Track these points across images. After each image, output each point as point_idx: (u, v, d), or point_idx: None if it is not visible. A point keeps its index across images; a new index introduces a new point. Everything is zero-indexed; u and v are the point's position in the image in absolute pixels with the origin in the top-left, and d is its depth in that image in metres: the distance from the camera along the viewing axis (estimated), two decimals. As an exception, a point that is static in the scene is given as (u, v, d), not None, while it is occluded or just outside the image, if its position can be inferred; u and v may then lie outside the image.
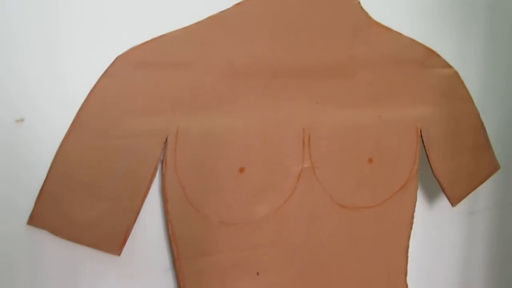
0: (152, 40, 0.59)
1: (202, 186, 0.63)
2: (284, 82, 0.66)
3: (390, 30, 0.72)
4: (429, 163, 0.75)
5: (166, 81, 0.60)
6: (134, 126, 0.59)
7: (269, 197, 0.66)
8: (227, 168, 0.64)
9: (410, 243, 0.77)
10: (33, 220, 0.57)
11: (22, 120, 0.56)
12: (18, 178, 0.56)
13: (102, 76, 0.58)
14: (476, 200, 0.88)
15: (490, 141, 0.82)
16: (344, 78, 0.69)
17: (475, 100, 0.79)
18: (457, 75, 0.77)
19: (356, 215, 0.72)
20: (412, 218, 0.76)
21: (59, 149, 0.57)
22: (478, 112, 0.79)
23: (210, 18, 0.61)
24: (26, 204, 0.57)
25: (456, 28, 0.81)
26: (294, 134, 0.67)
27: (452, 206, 0.77)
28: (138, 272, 0.64)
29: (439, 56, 0.75)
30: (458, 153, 0.77)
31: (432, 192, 0.84)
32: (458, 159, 0.77)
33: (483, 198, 0.90)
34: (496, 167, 0.82)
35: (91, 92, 0.58)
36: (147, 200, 0.61)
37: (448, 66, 0.76)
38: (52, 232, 0.57)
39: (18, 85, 0.55)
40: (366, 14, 0.69)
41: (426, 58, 0.74)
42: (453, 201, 0.77)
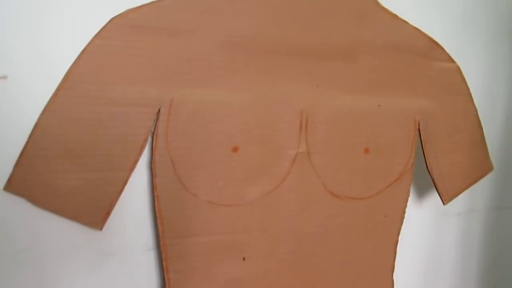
0: (151, 3, 0.56)
1: (193, 162, 0.59)
2: (285, 60, 0.63)
3: (396, 17, 0.70)
4: (424, 157, 0.73)
5: (163, 48, 0.57)
6: (126, 94, 0.56)
7: (261, 179, 0.63)
8: (220, 146, 0.61)
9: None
10: (10, 186, 0.53)
11: (5, 77, 0.52)
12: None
13: (94, 38, 0.54)
14: (464, 201, 0.87)
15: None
16: (347, 61, 0.67)
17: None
18: (459, 70, 0.75)
19: (348, 205, 0.69)
20: (404, 213, 0.74)
21: (43, 113, 0.53)
22: (477, 110, 0.78)
23: (213, -14, 0.58)
24: (4, 168, 0.53)
25: (462, 24, 0.79)
26: (291, 116, 0.64)
27: (444, 204, 0.76)
28: (118, 250, 0.60)
29: (443, 49, 0.74)
30: (454, 149, 0.76)
31: (420, 190, 0.82)
32: (453, 155, 0.76)
33: (470, 200, 0.89)
34: (489, 167, 0.81)
35: (82, 53, 0.54)
36: (133, 174, 0.57)
37: (451, 60, 0.75)
38: (30, 200, 0.54)
39: (1, 41, 0.52)
40: (374, -2, 0.67)
41: (429, 50, 0.72)
42: (445, 199, 0.75)
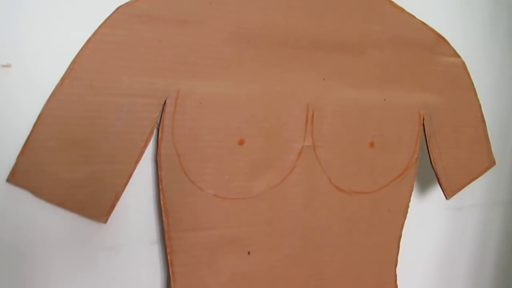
0: (159, -8, 0.55)
1: (199, 155, 0.58)
2: (293, 53, 0.63)
3: (403, 11, 0.69)
4: (428, 152, 0.73)
5: (170, 39, 0.56)
6: (132, 85, 0.55)
7: (267, 173, 0.63)
8: (226, 138, 0.60)
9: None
10: (13, 177, 0.51)
11: (9, 65, 0.51)
12: (-1, 130, 0.51)
13: (100, 27, 0.53)
14: (465, 196, 0.87)
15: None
16: (354, 54, 0.66)
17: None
18: (463, 65, 0.75)
19: (353, 199, 0.69)
20: (407, 207, 0.74)
21: (47, 103, 0.52)
22: (480, 105, 0.78)
23: (222, -24, 0.57)
24: (7, 160, 0.51)
25: (469, 18, 0.79)
26: (298, 109, 0.64)
27: (447, 199, 0.76)
28: (122, 244, 0.59)
29: (449, 44, 0.73)
30: (457, 144, 0.76)
31: (421, 185, 0.82)
32: (457, 150, 0.75)
33: (471, 195, 0.89)
34: (492, 162, 0.81)
35: (87, 43, 0.53)
36: (138, 166, 0.56)
37: (456, 55, 0.74)
38: (34, 193, 0.52)
39: (7, 29, 0.50)
40: (381, -9, 0.67)
41: (435, 44, 0.72)
42: (448, 193, 0.75)
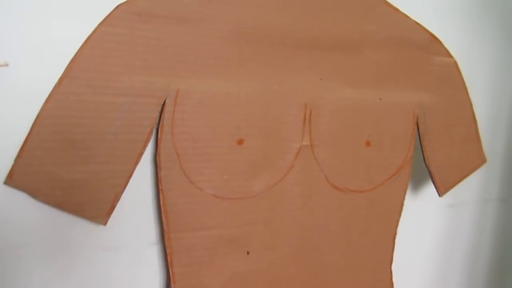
0: (159, -9, 0.54)
1: (198, 155, 0.58)
2: (291, 52, 0.63)
3: (398, 11, 0.70)
4: (421, 150, 0.74)
5: (170, 37, 0.55)
6: (132, 84, 0.54)
7: (266, 172, 0.63)
8: (225, 138, 0.59)
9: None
10: (11, 179, 0.50)
11: (6, 64, 0.49)
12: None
13: (100, 25, 0.52)
14: (457, 194, 0.89)
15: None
16: (351, 54, 0.67)
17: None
18: (456, 65, 0.76)
19: (349, 198, 0.69)
20: (402, 205, 0.75)
21: (45, 102, 0.51)
22: (472, 105, 0.79)
23: (222, -25, 0.57)
24: (4, 161, 0.50)
25: (462, 21, 0.80)
26: (296, 108, 0.64)
27: (440, 196, 0.77)
28: (122, 245, 0.58)
29: (442, 44, 0.74)
30: (450, 143, 0.77)
31: (414, 183, 0.83)
32: (450, 149, 0.77)
33: (462, 193, 0.90)
34: (483, 160, 0.82)
35: (87, 41, 0.52)
36: (137, 167, 0.56)
37: (449, 55, 0.75)
38: (32, 194, 0.51)
39: (5, 28, 0.49)
40: (377, -8, 0.67)
41: (429, 44, 0.73)
42: (441, 191, 0.76)
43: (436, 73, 0.74)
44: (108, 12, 0.52)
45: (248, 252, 0.63)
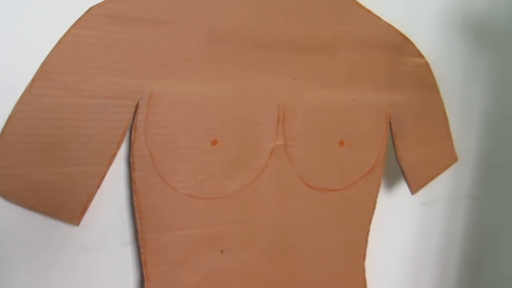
0: (131, -7, 0.54)
1: (172, 156, 0.59)
2: (265, 54, 0.64)
3: (370, 13, 0.71)
4: (394, 149, 0.76)
5: (143, 40, 0.56)
6: (105, 87, 0.54)
7: (240, 173, 0.64)
8: (199, 139, 0.60)
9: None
10: (-17, 181, 0.50)
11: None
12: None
13: (72, 27, 0.52)
14: (429, 191, 0.91)
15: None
16: (324, 55, 0.68)
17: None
18: (428, 65, 0.78)
19: (323, 196, 0.71)
20: (375, 203, 0.76)
21: (18, 103, 0.51)
22: (444, 104, 0.81)
23: (194, -22, 0.57)
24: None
25: (433, 22, 0.82)
26: (269, 109, 0.65)
27: (412, 194, 0.78)
28: (95, 246, 0.59)
29: (414, 45, 0.76)
30: (422, 142, 0.78)
31: (387, 181, 0.85)
32: (422, 147, 0.78)
33: (435, 190, 0.92)
34: (454, 158, 0.84)
35: (59, 43, 0.52)
36: (111, 168, 0.56)
37: (421, 56, 0.77)
38: (4, 196, 0.51)
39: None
40: (350, -6, 0.69)
41: (401, 45, 0.74)
42: (413, 189, 0.78)
43: (409, 73, 0.76)
44: (80, 15, 0.52)
45: (222, 251, 0.64)
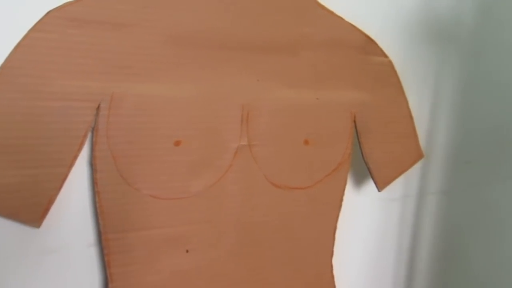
0: (90, -4, 0.55)
1: (135, 157, 0.59)
2: (228, 55, 0.64)
3: (333, 14, 0.72)
4: (360, 147, 0.77)
5: (104, 42, 0.56)
6: (65, 89, 0.55)
7: (204, 172, 0.64)
8: (162, 140, 0.61)
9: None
10: None
11: None
12: None
13: (30, 31, 0.53)
14: (398, 188, 0.92)
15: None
16: (288, 56, 0.69)
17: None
18: (391, 64, 0.79)
19: (289, 195, 0.72)
20: (342, 200, 0.77)
21: (-24, 106, 0.51)
22: (408, 102, 0.82)
23: (154, -20, 0.58)
24: None
25: (393, 20, 0.83)
26: (233, 110, 0.66)
27: (379, 191, 0.80)
28: (59, 247, 0.59)
29: (377, 44, 0.77)
30: (387, 139, 0.80)
31: (357, 178, 0.86)
32: (387, 145, 0.80)
33: (405, 186, 0.94)
34: (420, 155, 0.85)
35: (17, 47, 0.52)
36: (73, 169, 0.56)
37: (384, 55, 0.78)
38: (-36, 199, 0.52)
39: None
40: (312, -5, 0.70)
41: (365, 45, 0.76)
42: (380, 186, 0.79)
43: (372, 72, 0.77)
44: (37, 19, 0.53)
45: (187, 251, 0.64)
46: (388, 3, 0.81)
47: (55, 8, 0.54)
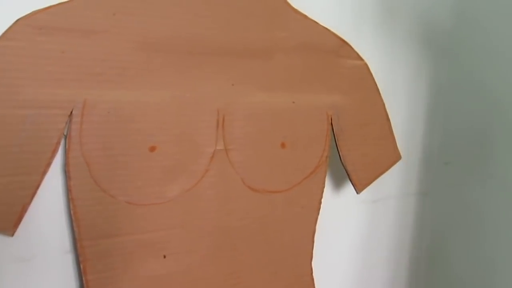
0: (59, 4, 0.55)
1: (110, 164, 0.59)
2: (201, 60, 0.65)
3: (307, 17, 0.73)
4: (337, 150, 0.77)
5: (74, 50, 0.56)
6: (37, 97, 0.55)
7: (180, 178, 0.64)
8: (136, 146, 0.61)
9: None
10: None
11: None
12: None
13: (-1, 40, 0.53)
14: (379, 189, 0.93)
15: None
16: (262, 60, 0.70)
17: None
18: (367, 67, 0.80)
19: (267, 198, 0.72)
20: (320, 203, 0.78)
21: None
22: (384, 104, 0.83)
23: (125, -14, 0.58)
24: None
25: (369, 25, 0.84)
26: (208, 114, 0.66)
27: (357, 193, 0.80)
28: (34, 255, 0.59)
29: (352, 47, 0.78)
30: (364, 141, 0.80)
31: (337, 181, 0.87)
32: (364, 147, 0.80)
33: (385, 188, 0.95)
34: (398, 156, 0.86)
35: (-14, 55, 0.52)
36: (47, 176, 0.56)
37: (359, 58, 0.79)
38: None
39: None
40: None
41: (339, 48, 0.76)
42: (358, 188, 0.80)
43: (348, 75, 0.78)
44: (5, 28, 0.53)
45: (164, 256, 0.64)
46: (364, 6, 0.82)
47: (24, 16, 0.54)
